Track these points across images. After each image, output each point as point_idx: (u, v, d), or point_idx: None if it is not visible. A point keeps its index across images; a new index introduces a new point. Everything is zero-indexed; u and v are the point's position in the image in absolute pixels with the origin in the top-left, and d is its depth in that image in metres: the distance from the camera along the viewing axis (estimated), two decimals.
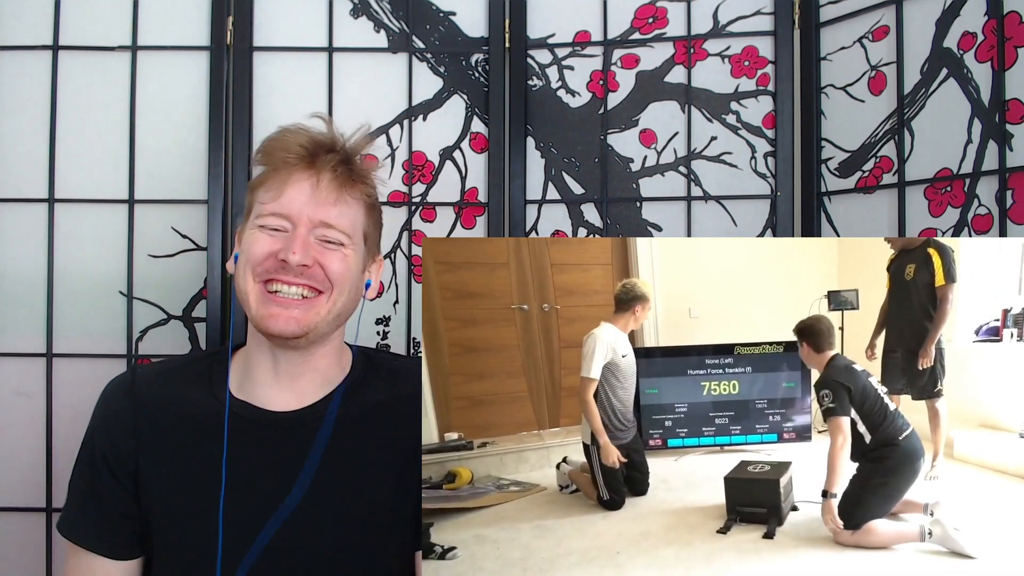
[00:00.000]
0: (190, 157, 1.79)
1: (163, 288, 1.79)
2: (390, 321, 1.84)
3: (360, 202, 1.16)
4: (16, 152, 1.78)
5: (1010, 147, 1.45)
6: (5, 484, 1.75)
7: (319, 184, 1.10)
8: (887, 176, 1.66)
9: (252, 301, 1.10)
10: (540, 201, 1.86)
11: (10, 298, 1.77)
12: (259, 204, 1.12)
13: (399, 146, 1.84)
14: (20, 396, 1.75)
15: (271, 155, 1.13)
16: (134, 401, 1.15)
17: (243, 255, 1.12)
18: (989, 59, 1.49)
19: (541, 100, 1.87)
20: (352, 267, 1.14)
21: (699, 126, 1.82)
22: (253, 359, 1.17)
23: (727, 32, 1.82)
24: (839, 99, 1.75)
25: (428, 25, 1.86)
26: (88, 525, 1.15)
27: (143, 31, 1.80)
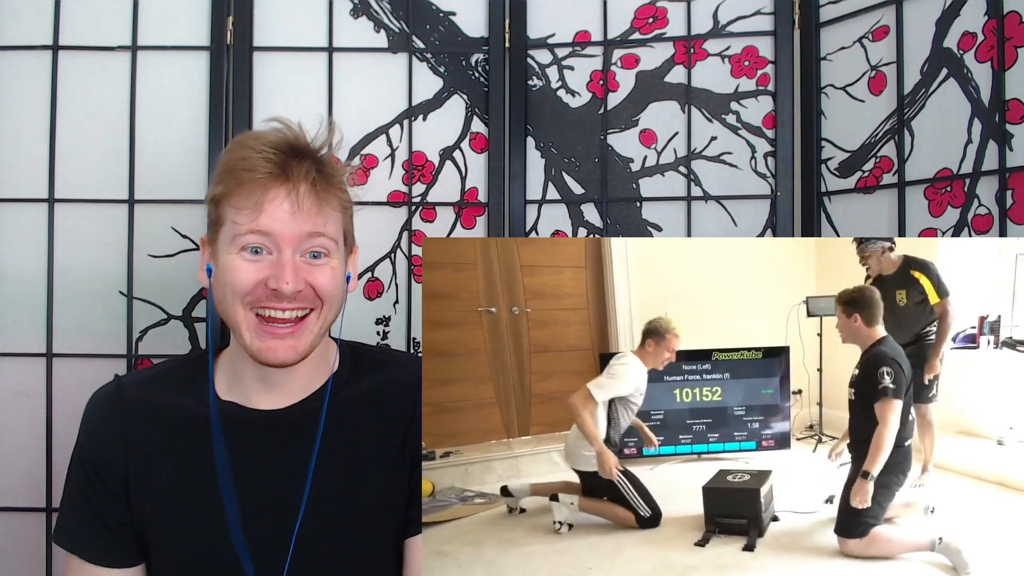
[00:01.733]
0: (190, 157, 1.79)
1: (163, 288, 1.79)
2: (390, 321, 1.84)
3: (338, 205, 1.11)
4: (16, 152, 1.78)
5: (1010, 147, 1.45)
6: (5, 484, 1.75)
7: (299, 200, 1.04)
8: (887, 176, 1.66)
9: (245, 331, 1.07)
10: (540, 201, 1.87)
11: (10, 298, 1.77)
12: (232, 223, 1.05)
13: (399, 146, 1.84)
14: (20, 396, 1.76)
15: (236, 175, 1.05)
16: (121, 410, 1.14)
17: (226, 284, 1.07)
18: (989, 59, 1.49)
19: (541, 100, 1.87)
20: (339, 276, 1.11)
21: (699, 126, 1.82)
22: (239, 363, 1.15)
23: (727, 32, 1.82)
24: (839, 99, 1.75)
25: (428, 25, 1.86)
26: (86, 535, 1.14)
27: (143, 31, 1.80)
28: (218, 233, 1.09)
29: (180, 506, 1.11)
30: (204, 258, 1.13)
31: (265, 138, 1.07)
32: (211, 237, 1.11)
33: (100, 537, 1.13)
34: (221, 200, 1.07)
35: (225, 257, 1.07)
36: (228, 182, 1.06)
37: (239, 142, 1.09)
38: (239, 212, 1.05)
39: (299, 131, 1.09)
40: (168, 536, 1.12)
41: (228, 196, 1.06)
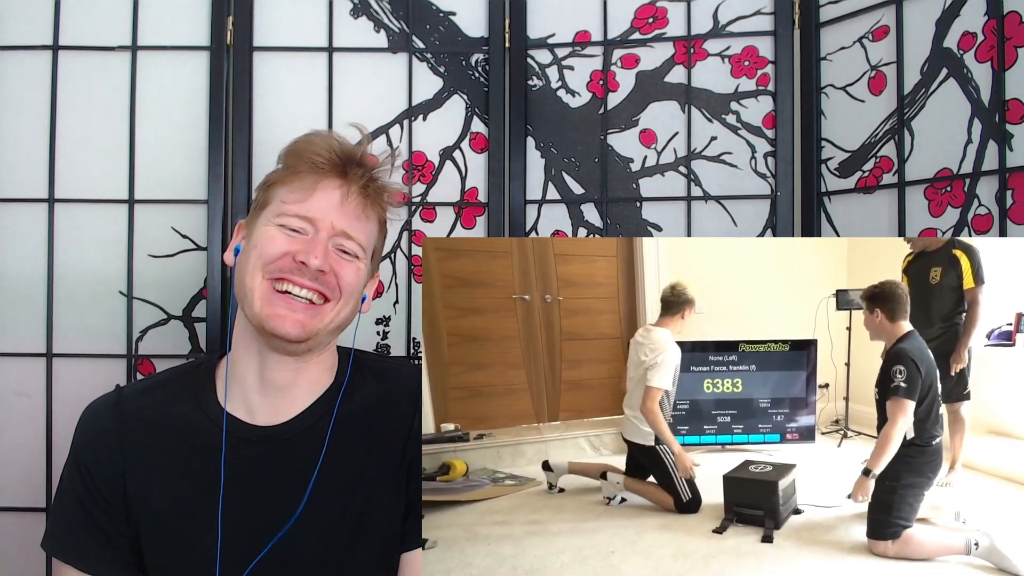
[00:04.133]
0: (190, 157, 1.79)
1: (163, 288, 1.79)
2: (390, 321, 1.83)
3: (376, 220, 1.17)
4: (16, 152, 1.78)
5: (1010, 147, 1.45)
6: (5, 484, 1.75)
7: (348, 196, 1.11)
8: (887, 176, 1.66)
9: (257, 298, 1.08)
10: (540, 201, 1.86)
11: (10, 298, 1.77)
12: (280, 203, 1.11)
13: (399, 146, 1.84)
14: (20, 396, 1.75)
15: (300, 156, 1.12)
16: (121, 420, 1.14)
17: (254, 251, 1.09)
18: (989, 59, 1.49)
19: (541, 100, 1.87)
20: (361, 280, 1.15)
21: (699, 126, 1.82)
22: (240, 366, 1.14)
23: (727, 32, 1.82)
24: (839, 99, 1.74)
25: (428, 25, 1.86)
26: (81, 544, 1.13)
27: (143, 31, 1.80)
28: (259, 214, 1.13)
29: (176, 518, 1.11)
30: (236, 239, 1.17)
31: (338, 138, 1.15)
32: (250, 220, 1.15)
33: (95, 546, 1.13)
34: (275, 183, 1.13)
35: (262, 228, 1.11)
36: (291, 164, 1.13)
37: (313, 133, 1.17)
38: (291, 192, 1.11)
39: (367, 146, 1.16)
40: (164, 547, 1.12)
41: (284, 179, 1.12)
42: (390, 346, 1.83)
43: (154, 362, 1.78)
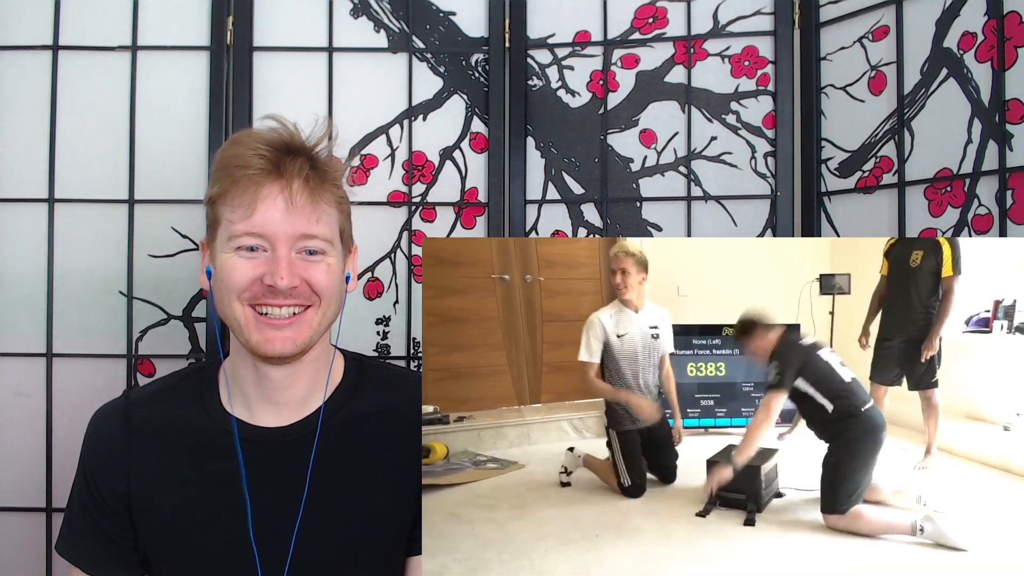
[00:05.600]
0: (190, 157, 1.79)
1: (163, 288, 1.79)
2: (390, 321, 1.83)
3: (333, 202, 1.10)
4: (16, 152, 1.78)
5: (1010, 147, 1.45)
6: (5, 484, 1.75)
7: (292, 197, 1.03)
8: (887, 176, 1.66)
9: (244, 327, 1.06)
10: (540, 201, 1.86)
11: (10, 298, 1.77)
12: (227, 222, 1.05)
13: (399, 146, 1.84)
14: (20, 396, 1.75)
15: (227, 170, 1.04)
16: (128, 426, 1.14)
17: (223, 282, 1.06)
18: (989, 59, 1.49)
19: (541, 100, 1.87)
20: (336, 274, 1.10)
21: (699, 126, 1.82)
22: (239, 373, 1.14)
23: (727, 32, 1.82)
24: (839, 99, 1.74)
25: (428, 25, 1.86)
26: (87, 547, 1.14)
27: (143, 31, 1.80)
28: (215, 233, 1.08)
29: (183, 520, 1.11)
30: (204, 261, 1.13)
31: (259, 135, 1.07)
32: (209, 238, 1.11)
33: (101, 550, 1.14)
34: (217, 200, 1.07)
35: (221, 256, 1.06)
36: (223, 180, 1.05)
37: (233, 140, 1.09)
38: (234, 211, 1.04)
39: (294, 129, 1.09)
40: (172, 551, 1.12)
41: (223, 195, 1.05)
42: (390, 346, 1.83)
43: (154, 362, 1.78)
